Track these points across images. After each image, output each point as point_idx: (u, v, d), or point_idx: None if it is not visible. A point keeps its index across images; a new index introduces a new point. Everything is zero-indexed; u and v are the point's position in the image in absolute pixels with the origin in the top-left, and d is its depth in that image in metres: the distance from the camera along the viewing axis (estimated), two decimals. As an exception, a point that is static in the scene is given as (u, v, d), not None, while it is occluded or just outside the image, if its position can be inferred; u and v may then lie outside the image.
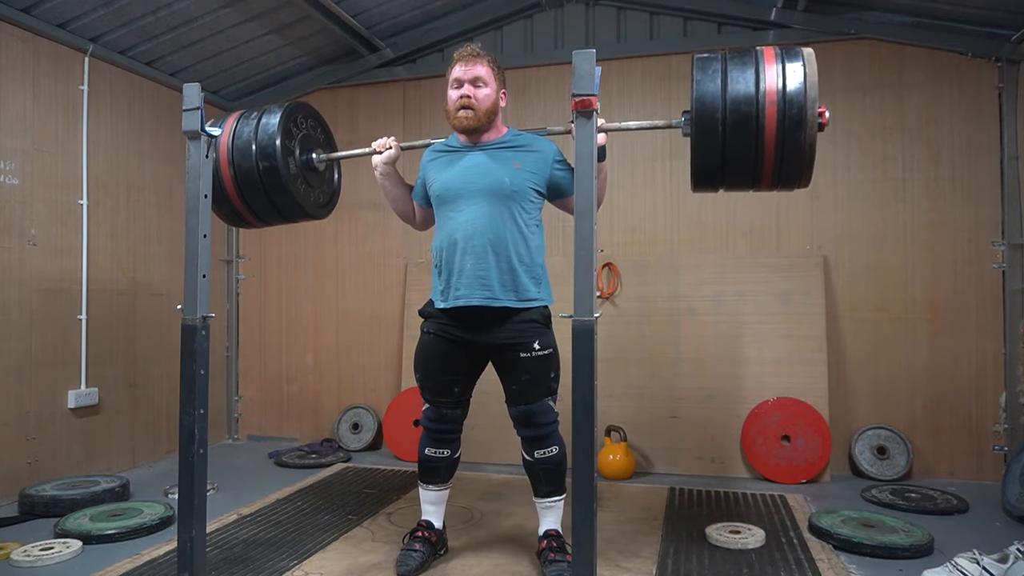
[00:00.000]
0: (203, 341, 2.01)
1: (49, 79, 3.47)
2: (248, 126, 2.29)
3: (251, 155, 2.25)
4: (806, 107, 1.82)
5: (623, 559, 2.49)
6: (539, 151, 2.36)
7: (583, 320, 1.70)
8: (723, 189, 2.04)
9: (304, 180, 2.41)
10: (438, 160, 2.44)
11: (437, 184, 2.39)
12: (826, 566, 2.40)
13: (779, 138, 1.84)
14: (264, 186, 2.28)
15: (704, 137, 1.88)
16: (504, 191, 2.28)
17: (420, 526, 2.47)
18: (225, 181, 2.28)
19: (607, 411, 3.78)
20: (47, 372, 3.42)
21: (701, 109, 1.86)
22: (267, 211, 2.38)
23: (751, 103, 1.83)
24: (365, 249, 4.52)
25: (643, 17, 4.11)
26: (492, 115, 2.33)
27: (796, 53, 1.89)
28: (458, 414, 2.44)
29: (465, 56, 2.31)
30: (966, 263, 3.64)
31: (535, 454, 2.33)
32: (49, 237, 3.46)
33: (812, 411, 3.58)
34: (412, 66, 4.47)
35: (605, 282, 4.00)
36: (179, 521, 1.99)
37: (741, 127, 1.84)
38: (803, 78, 1.83)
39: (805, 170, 1.91)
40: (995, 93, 3.61)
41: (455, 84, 2.32)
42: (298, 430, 4.60)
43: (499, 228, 2.27)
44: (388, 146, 2.44)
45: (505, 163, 2.31)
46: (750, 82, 1.84)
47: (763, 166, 1.90)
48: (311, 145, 2.46)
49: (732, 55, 1.92)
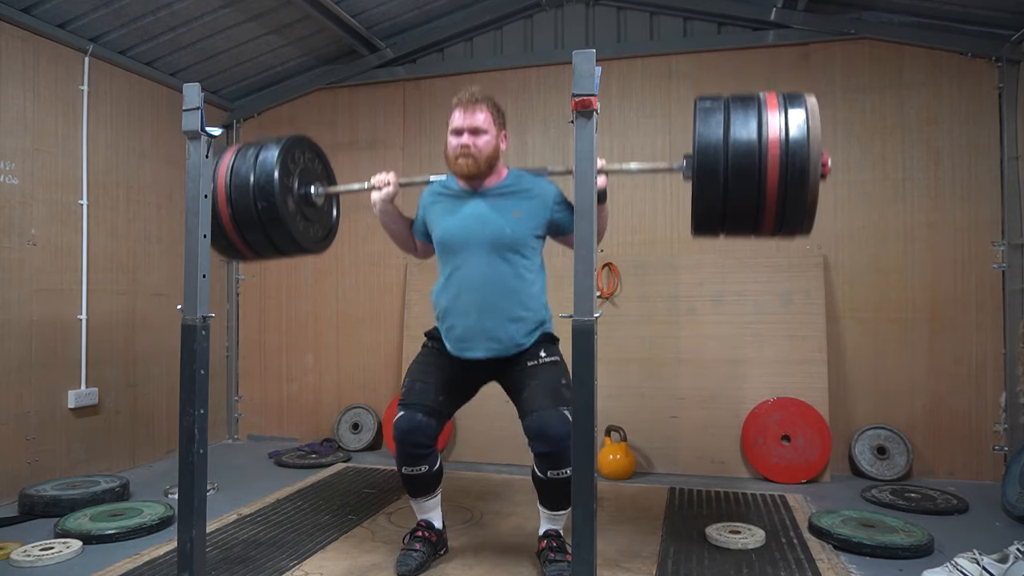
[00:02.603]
0: (203, 341, 2.01)
1: (49, 79, 3.47)
2: (245, 163, 2.25)
3: (249, 193, 2.22)
4: (809, 157, 1.79)
5: (623, 559, 2.49)
6: (539, 196, 2.34)
7: (583, 320, 1.70)
8: (724, 235, 2.00)
9: (302, 216, 2.39)
10: (439, 204, 2.43)
11: (438, 231, 2.40)
12: (826, 566, 2.40)
13: (781, 187, 1.81)
14: (262, 224, 2.26)
15: (705, 183, 1.85)
16: (505, 242, 2.29)
17: (420, 526, 2.46)
18: (222, 218, 2.24)
19: (607, 411, 3.78)
20: (47, 372, 3.42)
21: (703, 155, 1.83)
22: (264, 247, 2.36)
23: (753, 152, 1.81)
24: (365, 249, 4.52)
25: (643, 17, 4.11)
26: (492, 161, 2.31)
27: (799, 101, 1.86)
28: (432, 426, 2.32)
29: (464, 102, 2.29)
30: (966, 263, 3.64)
31: (548, 474, 2.21)
32: (49, 237, 3.46)
33: (812, 411, 3.58)
34: (412, 66, 4.47)
35: (605, 282, 4.00)
36: (179, 521, 1.99)
37: (743, 175, 1.82)
38: (806, 127, 1.81)
39: (807, 219, 1.88)
40: (995, 93, 3.61)
41: (454, 132, 2.29)
42: (298, 430, 4.60)
43: (501, 281, 2.29)
44: (387, 182, 2.41)
45: (505, 212, 2.31)
46: (752, 130, 1.82)
47: (764, 215, 1.87)
48: (309, 178, 2.43)
49: (735, 100, 1.89)
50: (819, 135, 1.82)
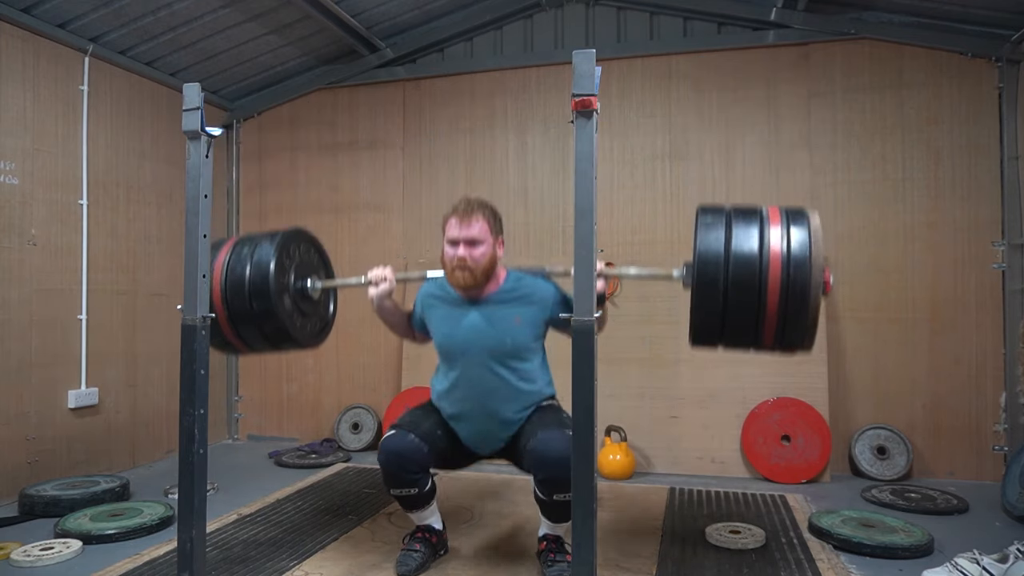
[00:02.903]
0: (203, 341, 2.01)
1: (49, 79, 3.47)
2: (241, 263, 2.25)
3: (245, 295, 2.23)
4: (811, 276, 1.77)
5: (623, 559, 2.49)
6: (539, 300, 2.34)
7: (583, 320, 1.70)
8: (722, 347, 1.98)
9: (299, 311, 2.40)
10: (437, 309, 2.42)
11: (437, 339, 2.41)
12: (826, 566, 2.40)
13: (782, 304, 1.79)
14: (259, 324, 2.27)
15: (704, 294, 1.84)
16: (505, 351, 2.30)
17: (420, 527, 2.46)
18: (219, 317, 2.24)
19: (607, 411, 3.78)
20: (47, 372, 3.42)
21: (703, 266, 1.82)
22: (260, 344, 2.37)
23: (754, 266, 1.79)
24: (365, 249, 4.51)
25: (643, 17, 4.11)
26: (489, 272, 2.30)
27: (802, 217, 1.85)
28: (423, 451, 2.28)
29: (460, 212, 2.27)
30: (966, 263, 3.64)
31: (554, 496, 2.17)
32: (49, 237, 3.46)
33: (812, 411, 3.58)
34: (412, 66, 4.47)
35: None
36: (179, 521, 1.99)
37: (743, 289, 1.80)
38: (808, 245, 1.79)
39: (808, 337, 1.86)
40: (995, 93, 3.61)
41: (450, 242, 2.28)
42: (298, 430, 4.60)
43: (503, 389, 2.31)
44: (383, 278, 2.39)
45: (505, 321, 2.30)
46: (754, 244, 1.81)
47: (764, 330, 1.86)
48: (306, 271, 2.44)
49: (737, 213, 1.88)
50: (821, 253, 1.80)
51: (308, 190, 4.63)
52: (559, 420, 2.27)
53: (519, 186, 4.27)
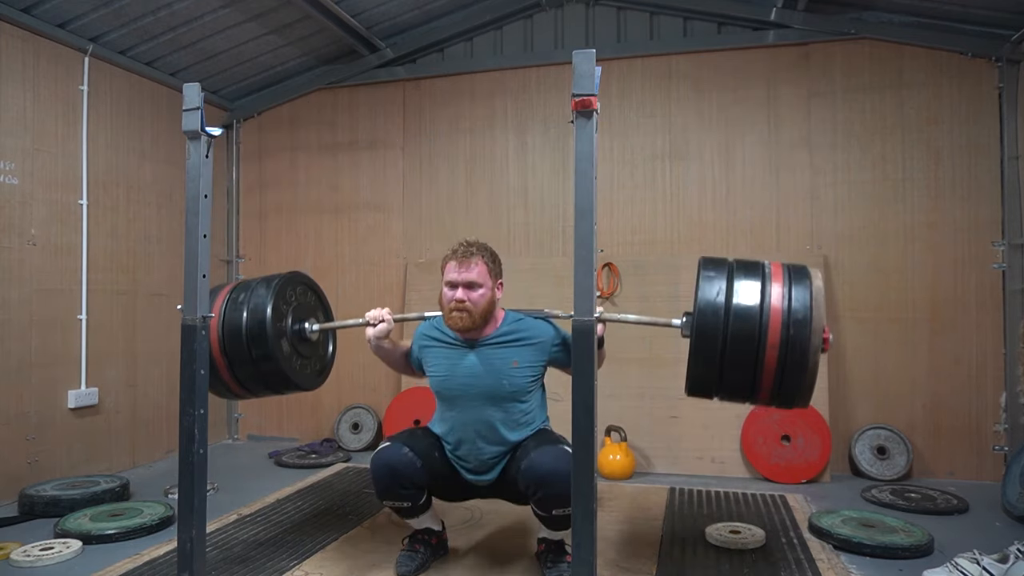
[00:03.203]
0: (203, 341, 2.01)
1: (49, 79, 3.47)
2: (237, 311, 2.25)
3: (243, 342, 2.23)
4: (810, 344, 1.77)
5: (623, 559, 2.49)
6: (538, 342, 2.33)
7: (583, 320, 1.70)
8: (718, 399, 1.98)
9: (298, 354, 2.40)
10: (434, 350, 2.41)
11: (434, 381, 2.40)
12: (826, 566, 2.40)
13: (780, 363, 1.79)
14: (258, 370, 2.28)
15: (703, 347, 1.83)
16: (502, 395, 2.29)
17: (419, 529, 2.45)
18: (217, 364, 2.25)
19: (607, 411, 3.78)
20: (47, 372, 3.42)
21: (703, 319, 1.82)
22: (259, 388, 2.38)
23: (753, 322, 1.79)
24: (365, 249, 4.52)
25: (643, 17, 4.11)
26: (487, 315, 2.29)
27: (803, 276, 1.85)
28: (417, 466, 2.24)
29: (459, 257, 2.27)
30: (966, 263, 3.64)
31: (553, 512, 2.14)
32: (49, 237, 3.46)
33: (812, 411, 3.58)
34: (412, 66, 4.47)
35: (605, 282, 4.00)
36: (179, 521, 1.99)
37: (741, 344, 1.80)
38: (809, 307, 1.79)
39: (804, 394, 1.86)
40: (995, 93, 3.61)
41: (449, 285, 2.28)
42: (298, 430, 4.60)
43: (501, 430, 2.30)
44: (380, 319, 2.38)
45: (503, 363, 2.29)
46: (755, 300, 1.81)
47: (760, 386, 1.85)
48: (303, 314, 2.44)
49: (739, 267, 1.88)
50: (822, 315, 1.79)
51: (308, 190, 4.63)
52: (553, 438, 2.26)
53: (519, 186, 4.27)
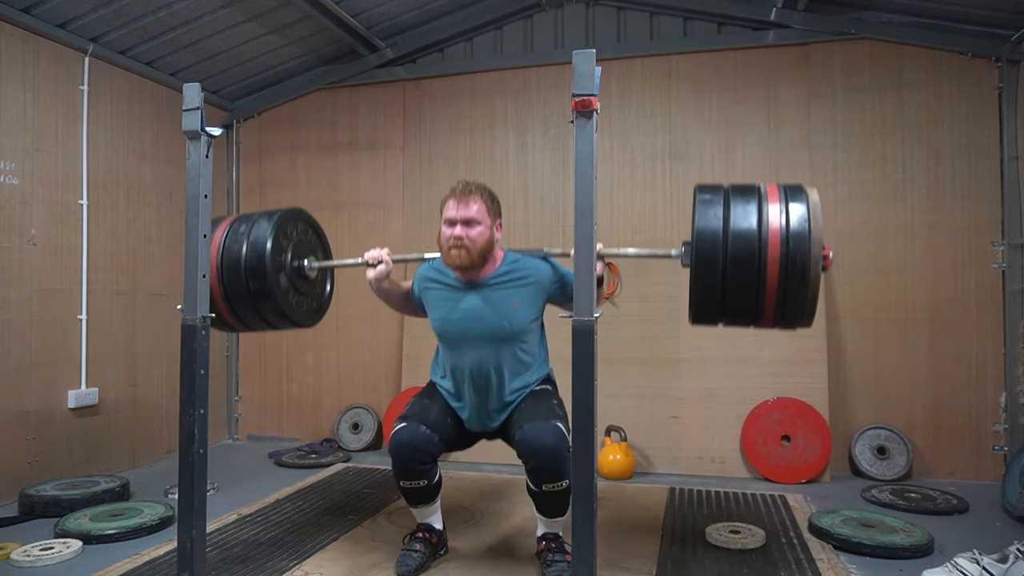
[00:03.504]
0: (203, 341, 2.01)
1: (49, 79, 3.47)
2: (237, 242, 2.25)
3: (241, 273, 2.23)
4: (810, 252, 1.77)
5: (623, 559, 2.49)
6: (536, 281, 2.34)
7: (583, 320, 1.70)
8: (723, 324, 1.98)
9: (295, 290, 2.40)
10: (434, 292, 2.42)
11: (435, 323, 2.42)
12: (826, 566, 2.40)
13: (781, 281, 1.79)
14: (254, 303, 2.27)
15: (703, 272, 1.83)
16: (504, 335, 2.31)
17: (420, 527, 2.46)
18: (214, 295, 2.24)
19: (607, 411, 3.78)
20: (47, 372, 3.42)
21: (701, 244, 1.82)
22: (255, 322, 2.37)
23: (753, 244, 1.79)
24: (365, 248, 4.45)
25: (643, 17, 4.11)
26: (486, 252, 2.30)
27: (801, 195, 1.84)
28: (434, 442, 2.29)
29: (458, 193, 2.29)
30: (966, 263, 3.64)
31: (543, 487, 2.18)
32: (49, 237, 3.46)
33: (812, 411, 3.58)
34: (412, 66, 4.47)
35: (605, 282, 4.00)
36: (179, 521, 1.99)
37: (742, 267, 1.80)
38: (807, 221, 1.79)
39: (807, 313, 1.86)
40: (995, 93, 3.61)
41: (447, 222, 2.29)
42: (298, 430, 4.59)
43: (503, 367, 2.32)
44: (379, 259, 2.41)
45: (503, 304, 2.30)
46: (752, 221, 1.80)
47: (764, 307, 1.85)
48: (303, 251, 2.44)
49: (735, 191, 1.88)
50: (821, 229, 1.79)
51: (308, 190, 4.62)
52: (549, 409, 2.27)
53: (519, 186, 4.27)
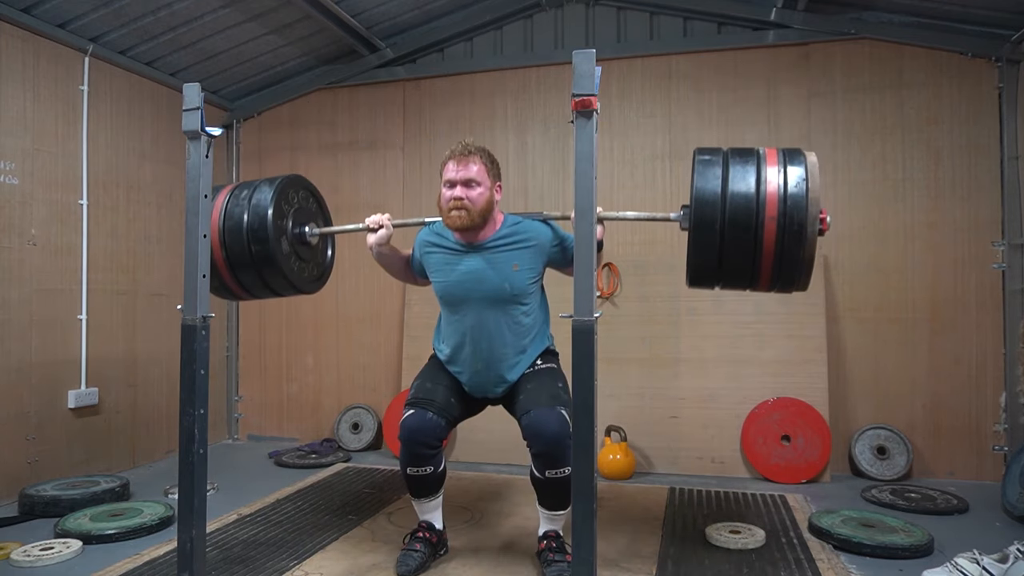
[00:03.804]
0: (203, 341, 2.01)
1: (49, 79, 3.47)
2: (239, 206, 2.25)
3: (243, 238, 2.23)
4: (807, 220, 1.78)
5: (623, 559, 2.49)
6: (536, 243, 2.34)
7: (583, 320, 1.70)
8: (719, 287, 2.00)
9: (297, 256, 2.40)
10: (435, 255, 2.43)
11: (436, 286, 2.42)
12: (826, 566, 2.40)
13: (778, 243, 1.81)
14: (256, 266, 2.27)
15: (702, 236, 1.85)
16: (504, 297, 2.31)
17: (420, 526, 2.46)
18: (216, 260, 2.25)
19: (607, 411, 3.78)
20: (47, 372, 3.42)
21: (700, 207, 1.83)
22: (258, 288, 2.37)
23: (751, 206, 1.80)
24: (365, 249, 4.48)
25: (643, 17, 4.11)
26: (486, 214, 2.30)
27: (799, 158, 1.85)
28: (441, 426, 2.33)
29: (457, 154, 2.29)
30: (966, 263, 3.64)
31: (546, 473, 2.21)
32: (49, 237, 3.46)
33: (812, 411, 3.58)
34: (412, 66, 4.47)
35: (605, 282, 4.00)
36: (179, 521, 1.99)
37: (740, 229, 1.81)
38: (805, 184, 1.80)
39: (804, 275, 1.87)
40: (995, 93, 3.61)
41: (447, 184, 2.29)
42: (298, 430, 4.59)
43: (503, 332, 2.33)
44: (380, 224, 2.42)
45: (503, 266, 2.31)
46: (751, 184, 1.81)
47: (761, 269, 1.87)
48: (304, 218, 2.44)
49: (734, 154, 1.89)
50: (818, 192, 1.80)
51: (308, 190, 4.62)
52: (554, 393, 2.27)
53: (519, 186, 4.27)
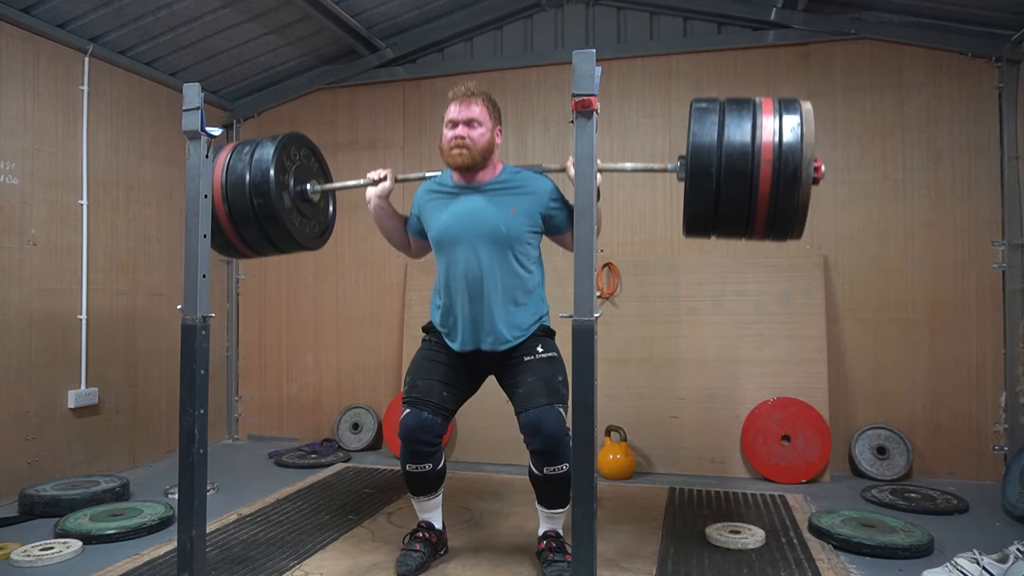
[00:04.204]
0: (203, 341, 2.01)
1: (49, 79, 3.47)
2: (241, 161, 2.26)
3: (245, 191, 2.24)
4: (802, 163, 1.80)
5: (623, 559, 2.49)
6: (534, 192, 2.34)
7: (583, 320, 1.70)
8: (715, 236, 2.02)
9: (299, 212, 2.41)
10: (433, 201, 2.42)
11: (434, 229, 2.39)
12: (826, 566, 2.40)
13: (773, 192, 1.83)
14: (259, 221, 2.27)
15: (698, 184, 1.87)
16: (499, 238, 2.29)
17: (420, 527, 2.46)
18: (219, 215, 2.26)
19: (607, 411, 3.78)
20: (47, 372, 3.42)
21: (696, 157, 1.85)
22: (261, 244, 2.37)
23: (747, 154, 1.82)
24: (365, 249, 4.52)
25: (643, 17, 4.11)
26: (487, 154, 2.31)
27: (794, 106, 1.87)
28: (438, 424, 2.33)
29: (460, 96, 2.30)
30: (966, 263, 3.64)
31: (544, 470, 2.22)
32: (49, 237, 3.46)
33: (812, 411, 3.58)
34: (412, 66, 4.47)
35: (605, 282, 4.00)
36: (179, 521, 1.99)
37: (735, 179, 1.83)
38: (800, 135, 1.82)
39: (798, 224, 1.90)
40: (995, 93, 3.61)
41: (449, 124, 2.30)
42: (298, 430, 4.60)
43: (497, 274, 2.30)
44: (382, 177, 2.42)
45: (501, 208, 2.30)
46: (747, 132, 1.84)
47: (756, 218, 1.89)
48: (305, 176, 2.44)
49: (731, 103, 1.90)
50: (813, 139, 1.82)
51: (308, 190, 4.62)
52: (554, 389, 2.26)
53: (519, 186, 4.26)
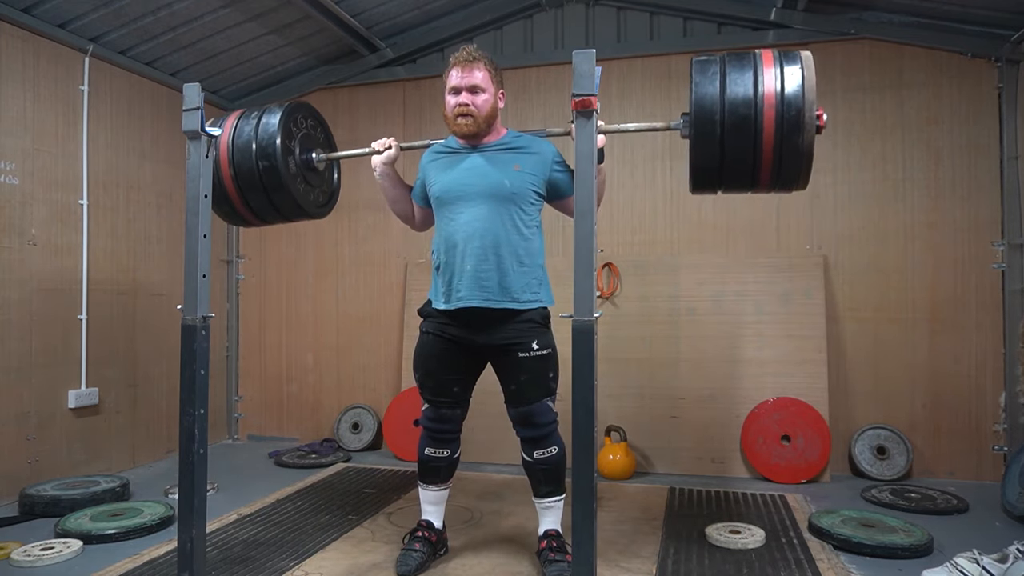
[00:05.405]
0: (203, 341, 2.01)
1: (49, 79, 3.47)
2: (248, 125, 2.29)
3: (251, 155, 2.26)
4: (804, 110, 1.83)
5: (623, 559, 2.49)
6: (538, 153, 2.35)
7: (583, 320, 1.70)
8: (721, 191, 2.05)
9: (304, 179, 2.42)
10: (438, 161, 2.44)
11: (437, 186, 2.39)
12: (826, 566, 2.40)
13: (777, 141, 1.85)
14: (264, 186, 2.29)
15: (702, 139, 1.89)
16: (503, 193, 2.29)
17: (420, 526, 2.47)
18: (225, 180, 2.28)
19: (607, 411, 3.78)
20: (47, 372, 3.42)
21: (699, 111, 1.88)
22: (266, 210, 2.39)
23: (749, 106, 1.85)
24: (365, 249, 4.52)
25: (643, 17, 4.11)
26: (491, 119, 2.33)
27: (794, 56, 1.90)
28: (457, 414, 2.44)
29: (461, 61, 2.29)
30: (966, 263, 3.64)
31: (534, 454, 2.33)
32: (49, 237, 3.46)
33: (812, 411, 3.58)
34: (412, 66, 4.47)
35: (605, 282, 4.00)
36: (179, 521, 1.99)
37: (739, 130, 1.86)
38: (801, 81, 1.84)
39: (803, 172, 1.92)
40: (995, 93, 3.61)
41: (452, 91, 2.31)
42: (298, 430, 4.60)
43: (498, 230, 2.28)
44: (388, 146, 2.44)
45: (504, 165, 2.31)
46: (748, 85, 1.86)
47: (761, 168, 1.91)
48: (311, 145, 2.47)
49: (731, 57, 1.93)
50: (814, 87, 1.85)
51: (308, 190, 4.62)
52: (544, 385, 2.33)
53: (519, 186, 4.27)
